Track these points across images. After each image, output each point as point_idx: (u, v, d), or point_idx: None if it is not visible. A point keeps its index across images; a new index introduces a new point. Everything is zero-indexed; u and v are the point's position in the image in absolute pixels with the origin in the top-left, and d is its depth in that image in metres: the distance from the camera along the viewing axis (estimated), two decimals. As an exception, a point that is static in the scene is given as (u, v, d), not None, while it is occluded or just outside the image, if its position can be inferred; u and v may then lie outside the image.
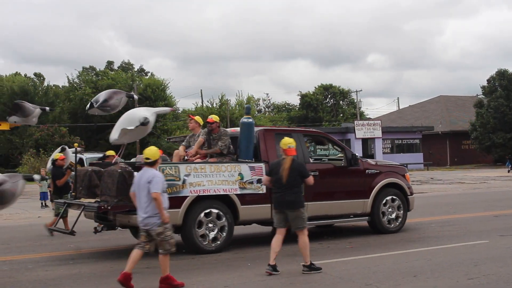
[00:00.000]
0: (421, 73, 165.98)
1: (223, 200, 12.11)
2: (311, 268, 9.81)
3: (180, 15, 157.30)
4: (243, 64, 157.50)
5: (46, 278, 9.74)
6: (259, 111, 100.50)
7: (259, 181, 12.36)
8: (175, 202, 11.15)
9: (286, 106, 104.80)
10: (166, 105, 78.17)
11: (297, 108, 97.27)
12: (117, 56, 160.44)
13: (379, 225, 14.14)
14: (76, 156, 13.84)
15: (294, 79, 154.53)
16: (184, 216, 11.59)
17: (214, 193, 11.91)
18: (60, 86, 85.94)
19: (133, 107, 12.08)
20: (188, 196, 11.59)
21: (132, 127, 11.41)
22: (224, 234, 12.04)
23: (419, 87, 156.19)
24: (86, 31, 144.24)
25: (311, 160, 14.14)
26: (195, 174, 11.67)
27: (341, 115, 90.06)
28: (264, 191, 12.34)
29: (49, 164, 17.50)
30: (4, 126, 36.80)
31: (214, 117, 12.92)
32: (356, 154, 13.93)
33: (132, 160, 15.36)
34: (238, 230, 14.35)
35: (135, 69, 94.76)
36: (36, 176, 12.49)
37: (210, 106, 79.77)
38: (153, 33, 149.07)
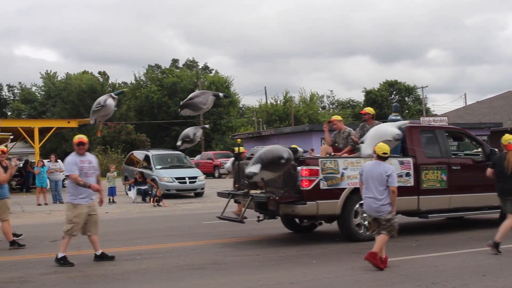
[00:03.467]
0: (485, 68, 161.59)
1: None
2: (497, 246, 10.83)
3: (235, 13, 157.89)
4: (302, 61, 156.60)
5: (114, 273, 9.89)
6: (323, 107, 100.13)
7: (407, 174, 12.93)
8: (334, 193, 12.17)
9: (351, 102, 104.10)
10: (230, 102, 78.77)
11: (361, 105, 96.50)
12: (176, 54, 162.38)
13: None
14: (238, 150, 14.66)
15: (355, 75, 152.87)
16: (342, 206, 12.30)
17: None
18: (129, 83, 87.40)
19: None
20: (346, 188, 12.31)
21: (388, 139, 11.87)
22: None
23: (483, 82, 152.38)
24: (145, 31, 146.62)
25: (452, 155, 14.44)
26: (351, 168, 12.34)
27: (407, 111, 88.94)
28: (412, 183, 12.96)
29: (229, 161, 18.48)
30: (73, 124, 37.52)
31: (367, 109, 14.05)
32: (496, 150, 13.98)
33: (197, 157, 15.93)
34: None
35: (200, 67, 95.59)
36: (221, 94, 14.21)
37: (274, 103, 79.75)
38: (211, 32, 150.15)
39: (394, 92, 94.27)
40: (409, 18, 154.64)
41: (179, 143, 15.42)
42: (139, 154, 32.03)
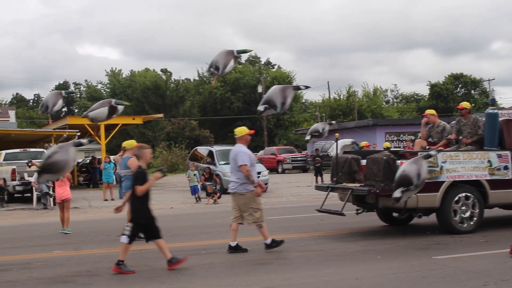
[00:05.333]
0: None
1: (475, 185, 12.80)
2: None
3: (292, 8, 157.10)
4: (363, 55, 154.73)
5: (179, 268, 9.93)
6: (387, 102, 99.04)
7: (505, 167, 13.00)
8: (433, 186, 12.27)
9: (415, 96, 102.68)
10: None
11: (426, 99, 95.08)
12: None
13: None
14: (337, 145, 14.73)
15: (417, 68, 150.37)
16: (442, 199, 12.40)
17: (467, 179, 12.71)
18: (192, 80, 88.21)
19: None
20: (445, 181, 12.42)
21: None
22: (475, 216, 12.75)
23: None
24: (205, 28, 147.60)
25: None
26: (450, 161, 12.47)
27: (473, 104, 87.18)
28: (510, 176, 12.98)
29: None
30: (138, 120, 38.08)
31: (464, 104, 13.96)
32: None
33: (261, 152, 15.89)
34: (358, 223, 14.23)
35: (262, 62, 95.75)
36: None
37: (338, 98, 79.28)
38: (269, 28, 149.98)
39: (460, 86, 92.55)
40: (470, 9, 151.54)
41: (308, 137, 15.61)
42: (203, 150, 32.27)
